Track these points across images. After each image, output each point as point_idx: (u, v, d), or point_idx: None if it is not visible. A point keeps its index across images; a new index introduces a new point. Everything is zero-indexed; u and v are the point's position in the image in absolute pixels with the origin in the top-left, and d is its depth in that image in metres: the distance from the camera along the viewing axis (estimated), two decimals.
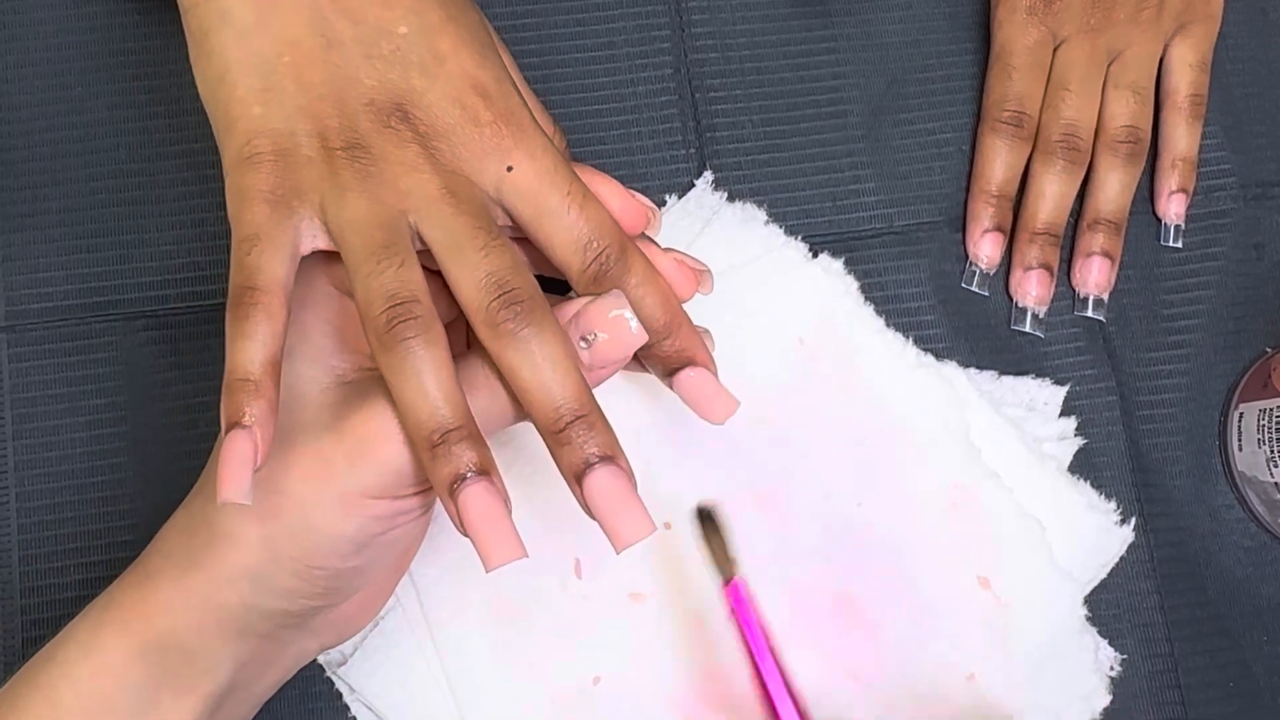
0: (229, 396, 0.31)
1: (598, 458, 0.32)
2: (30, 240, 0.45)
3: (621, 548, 0.32)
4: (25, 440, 0.43)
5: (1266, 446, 0.45)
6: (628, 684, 0.42)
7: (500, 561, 0.32)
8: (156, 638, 0.34)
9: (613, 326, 0.34)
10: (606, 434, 0.33)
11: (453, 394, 0.32)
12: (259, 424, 0.31)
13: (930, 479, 0.44)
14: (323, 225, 0.33)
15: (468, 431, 0.32)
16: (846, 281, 0.46)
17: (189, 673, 0.35)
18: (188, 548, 0.35)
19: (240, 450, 0.31)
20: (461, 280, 0.33)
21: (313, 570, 0.34)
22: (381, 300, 0.32)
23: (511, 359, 0.32)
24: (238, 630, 0.35)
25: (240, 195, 0.33)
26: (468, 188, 0.34)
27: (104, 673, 0.34)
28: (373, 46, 0.34)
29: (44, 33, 0.46)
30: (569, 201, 0.34)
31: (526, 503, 0.42)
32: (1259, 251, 0.49)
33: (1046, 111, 0.47)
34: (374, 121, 0.34)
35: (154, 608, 0.34)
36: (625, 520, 0.32)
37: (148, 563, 0.36)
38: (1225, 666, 0.45)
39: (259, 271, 0.32)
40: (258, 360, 0.31)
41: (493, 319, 0.32)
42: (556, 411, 0.32)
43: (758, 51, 0.48)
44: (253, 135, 0.33)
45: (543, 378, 0.32)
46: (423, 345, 0.32)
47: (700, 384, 0.37)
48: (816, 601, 0.43)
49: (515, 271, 0.33)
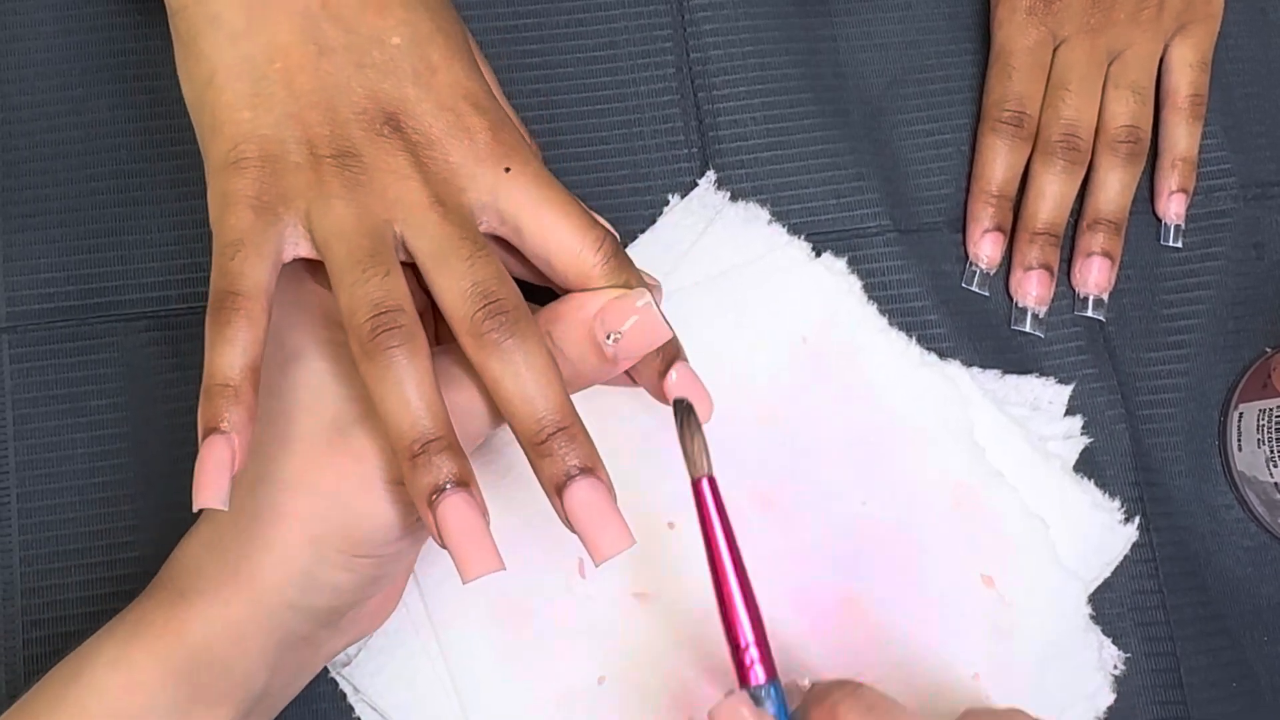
0: (207, 402, 0.31)
1: (578, 469, 0.32)
2: (31, 241, 0.44)
3: (600, 560, 0.32)
4: (26, 441, 0.43)
5: (1266, 446, 0.45)
6: (632, 684, 0.42)
7: (477, 574, 0.32)
8: (191, 654, 0.34)
9: (641, 316, 0.34)
10: (587, 446, 0.33)
11: (434, 404, 0.32)
12: (237, 430, 0.31)
13: (934, 478, 0.44)
14: (307, 233, 0.33)
15: (448, 442, 0.32)
16: (850, 281, 0.46)
17: (224, 685, 0.34)
18: (223, 561, 0.34)
19: (218, 456, 0.31)
20: (446, 290, 0.33)
21: (360, 560, 0.34)
22: (365, 309, 0.32)
23: (495, 369, 0.32)
24: (278, 639, 0.35)
25: (224, 200, 0.33)
26: (455, 197, 0.34)
27: (136, 689, 0.34)
28: (365, 55, 0.34)
29: (45, 33, 0.46)
30: (565, 205, 0.35)
31: (530, 503, 0.42)
32: (1259, 251, 0.49)
33: (1046, 111, 0.47)
34: (365, 130, 0.34)
35: (189, 624, 0.34)
36: (604, 533, 0.32)
37: (178, 580, 0.35)
38: (1227, 666, 0.45)
39: (241, 277, 0.32)
40: (238, 366, 0.31)
41: (477, 329, 0.32)
42: (538, 423, 0.32)
43: (760, 49, 0.48)
44: (240, 140, 0.33)
45: (525, 388, 0.32)
46: (405, 355, 0.32)
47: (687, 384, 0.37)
48: (820, 601, 0.43)
49: (500, 282, 0.33)
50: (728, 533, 0.35)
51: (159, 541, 0.37)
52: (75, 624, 0.42)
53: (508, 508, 0.41)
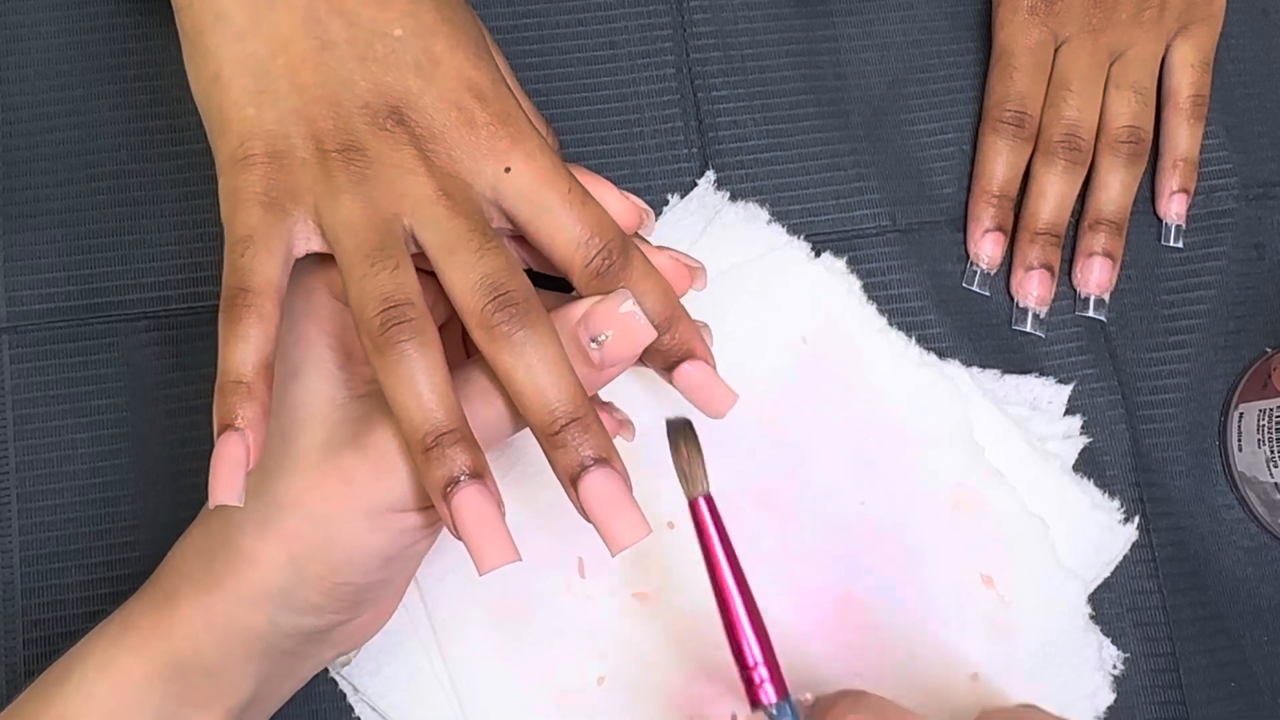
0: (221, 399, 0.31)
1: (593, 460, 0.32)
2: (32, 241, 0.45)
3: (617, 550, 0.32)
4: (27, 441, 0.43)
5: (1266, 447, 0.45)
6: (632, 684, 0.42)
7: (493, 565, 0.32)
8: (177, 657, 0.34)
9: (623, 323, 0.34)
10: (601, 436, 0.33)
11: (447, 397, 0.32)
12: (251, 426, 0.31)
13: (933, 478, 0.44)
14: (317, 227, 0.33)
15: (461, 434, 0.32)
16: (849, 281, 0.46)
17: (210, 689, 0.34)
18: (208, 569, 0.34)
19: (233, 453, 0.31)
20: (456, 282, 0.33)
21: (340, 586, 0.34)
22: (375, 303, 0.32)
23: (506, 361, 0.32)
24: (261, 650, 0.35)
25: (234, 197, 0.33)
26: (463, 189, 0.34)
27: (123, 691, 0.34)
28: (367, 48, 0.34)
29: (45, 33, 0.46)
30: (569, 200, 0.34)
31: (530, 502, 0.42)
32: (1260, 251, 0.49)
33: (1048, 111, 0.47)
34: (369, 123, 0.34)
35: (174, 628, 0.34)
36: (620, 523, 0.32)
37: (165, 583, 0.35)
38: (1226, 666, 0.45)
39: (252, 273, 0.32)
40: (250, 362, 0.31)
41: (487, 321, 0.32)
42: (551, 414, 0.32)
43: (760, 50, 0.48)
44: (246, 137, 0.33)
45: (537, 380, 0.32)
46: (416, 348, 0.32)
47: (700, 377, 0.37)
48: (820, 601, 0.43)
49: (510, 274, 0.33)
50: (728, 552, 0.35)
51: (159, 541, 0.37)
52: (75, 624, 0.42)
53: (509, 507, 0.41)
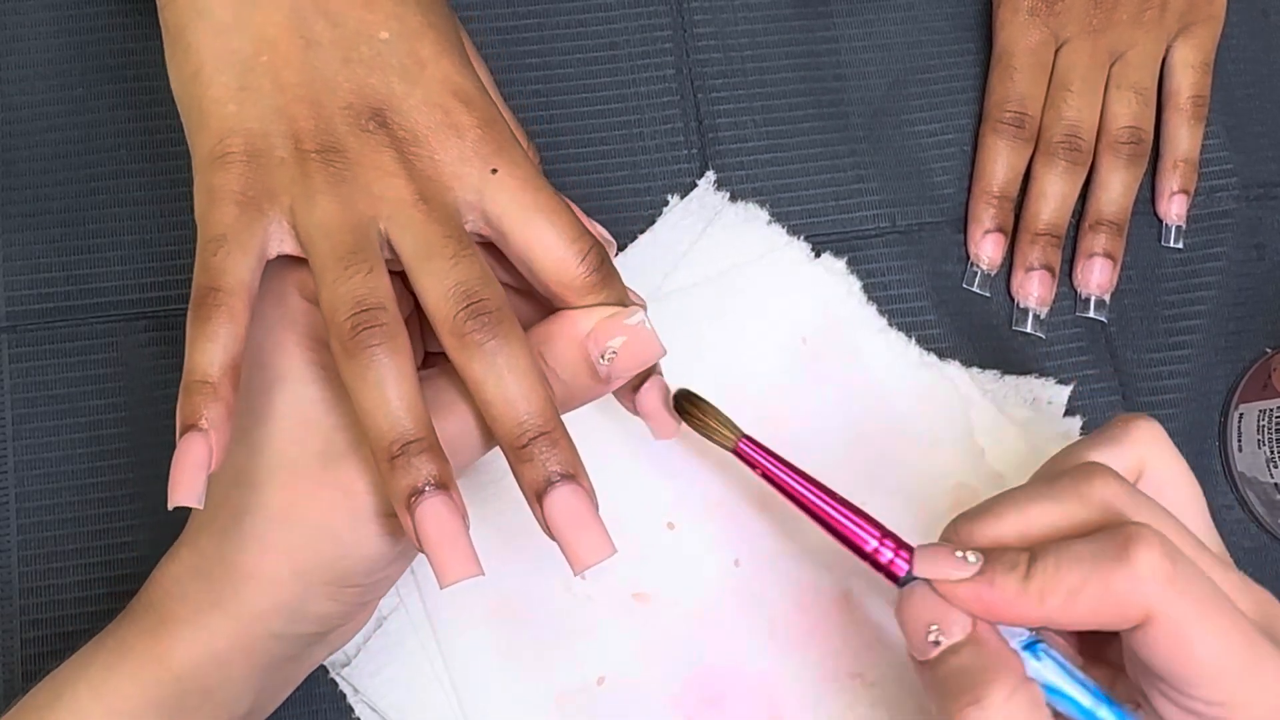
0: (186, 398, 0.31)
1: (559, 475, 0.31)
2: (31, 240, 0.44)
3: (580, 569, 0.31)
4: (25, 440, 0.43)
5: (1266, 447, 0.45)
6: (632, 684, 0.42)
7: (455, 578, 0.31)
8: (175, 681, 0.34)
9: (633, 335, 0.34)
10: (569, 452, 0.32)
11: (415, 405, 0.31)
12: (215, 427, 0.30)
13: (934, 479, 0.44)
14: (291, 229, 0.33)
15: (429, 444, 0.31)
16: (849, 281, 0.46)
17: (208, 710, 0.34)
18: (206, 590, 0.34)
19: (195, 454, 0.30)
20: (429, 289, 0.32)
21: (347, 590, 0.34)
22: (347, 306, 0.31)
23: (476, 371, 0.32)
24: (264, 664, 0.35)
25: (209, 194, 0.33)
26: (441, 195, 0.33)
27: (118, 716, 0.33)
28: (352, 50, 0.34)
29: (45, 34, 0.46)
30: (555, 206, 0.34)
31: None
32: (1260, 252, 0.49)
33: (1048, 112, 0.47)
34: (350, 125, 0.33)
35: (172, 651, 0.34)
36: (584, 541, 0.31)
37: (159, 604, 0.35)
38: None
39: (224, 273, 0.32)
40: (218, 362, 0.31)
41: (459, 329, 0.32)
42: (520, 426, 0.32)
43: (760, 51, 0.48)
44: (225, 134, 0.33)
45: (507, 391, 0.32)
46: (386, 354, 0.31)
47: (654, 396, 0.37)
48: (819, 601, 0.43)
49: (484, 282, 0.32)
50: (793, 469, 0.36)
51: (158, 542, 0.37)
52: (73, 624, 0.42)
53: (508, 507, 0.41)
